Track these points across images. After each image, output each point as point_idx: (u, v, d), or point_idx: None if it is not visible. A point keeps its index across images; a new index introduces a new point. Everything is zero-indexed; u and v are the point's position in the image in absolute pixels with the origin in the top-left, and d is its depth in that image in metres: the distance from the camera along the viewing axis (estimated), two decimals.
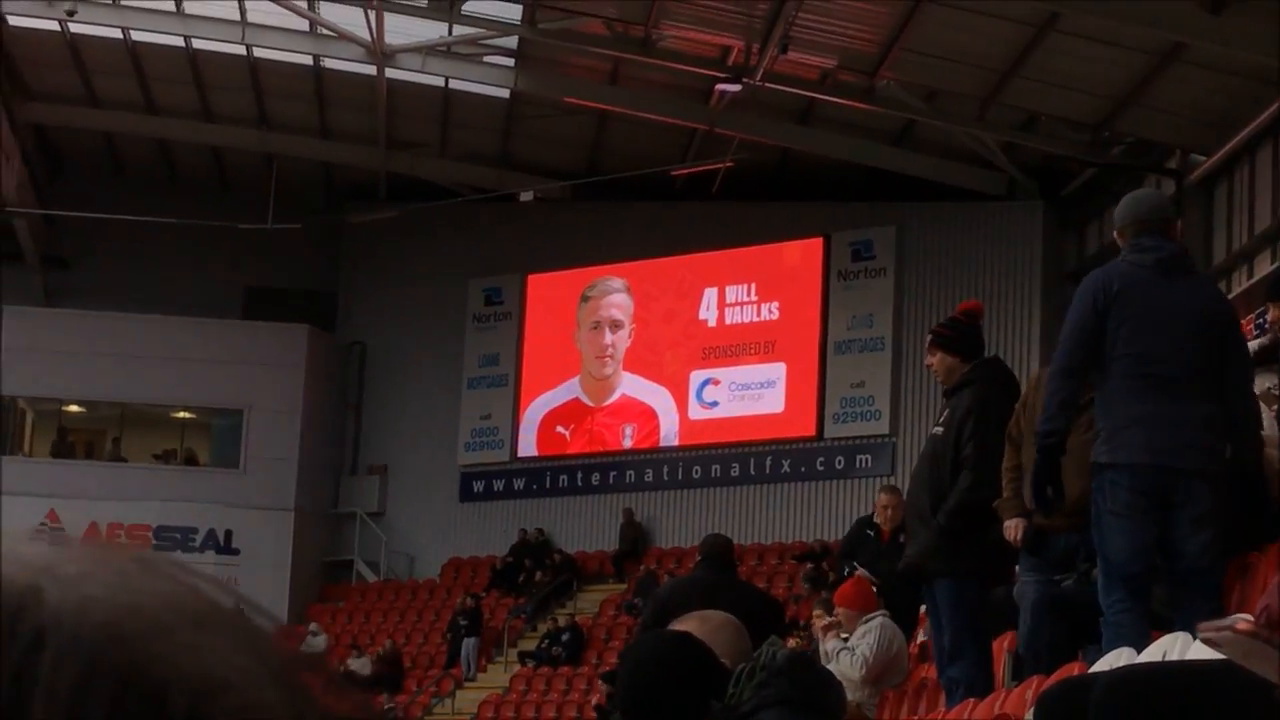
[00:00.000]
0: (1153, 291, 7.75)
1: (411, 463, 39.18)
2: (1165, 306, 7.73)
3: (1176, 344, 7.70)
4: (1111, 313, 7.71)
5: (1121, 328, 7.69)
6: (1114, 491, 7.63)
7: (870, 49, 27.79)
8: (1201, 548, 7.60)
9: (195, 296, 39.55)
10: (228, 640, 0.74)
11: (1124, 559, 7.65)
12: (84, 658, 0.70)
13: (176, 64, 33.86)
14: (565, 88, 32.76)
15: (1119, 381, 7.70)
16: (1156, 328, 7.70)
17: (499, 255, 38.44)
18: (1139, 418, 7.64)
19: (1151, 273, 7.81)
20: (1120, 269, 7.92)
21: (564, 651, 33.76)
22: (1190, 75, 25.72)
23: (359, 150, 36.80)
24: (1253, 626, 3.01)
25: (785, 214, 35.21)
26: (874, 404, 34.22)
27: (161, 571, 0.76)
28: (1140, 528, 7.64)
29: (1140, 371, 7.67)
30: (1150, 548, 7.71)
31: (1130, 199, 8.38)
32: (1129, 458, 7.63)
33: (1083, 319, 7.79)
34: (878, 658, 11.91)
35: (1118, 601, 7.62)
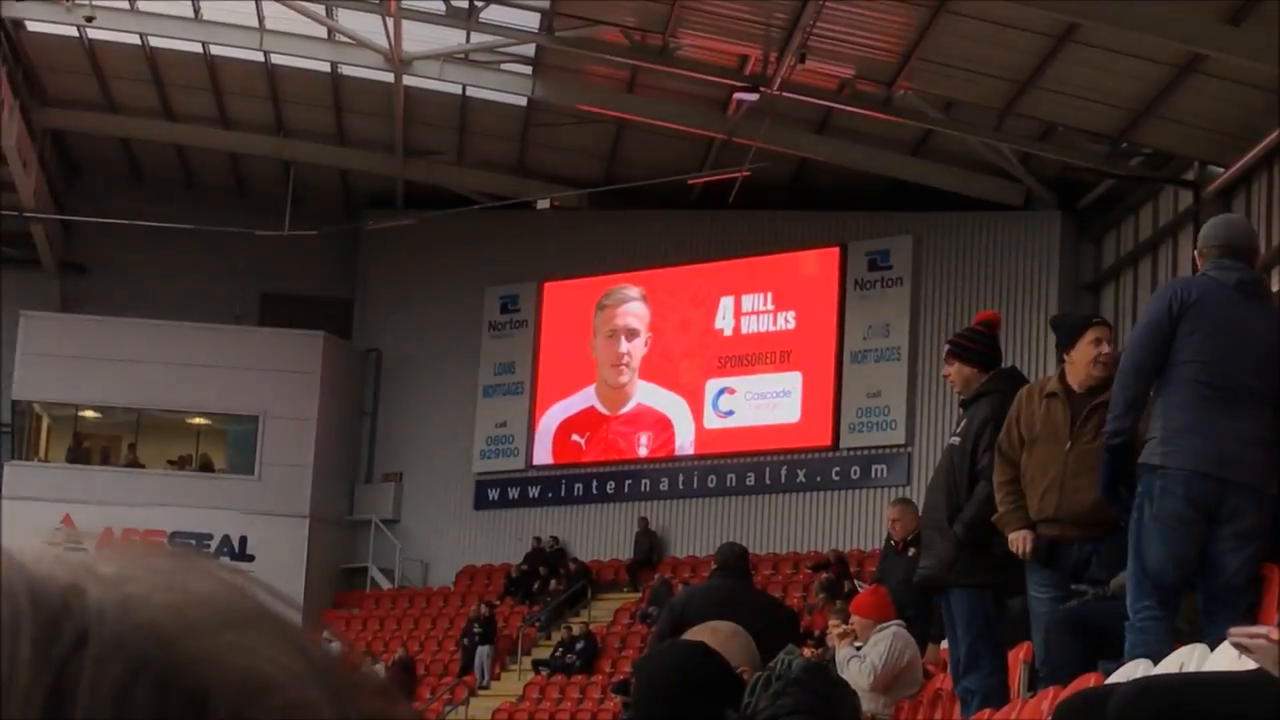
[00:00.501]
0: (1227, 307, 7.79)
1: (426, 470, 39.19)
2: (1237, 323, 7.77)
3: (1243, 360, 7.73)
4: (1185, 319, 7.75)
5: (1193, 335, 7.73)
6: (1163, 498, 7.63)
7: (888, 59, 27.76)
8: (1241, 563, 7.60)
9: (212, 303, 39.60)
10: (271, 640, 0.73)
11: (1160, 568, 7.64)
12: (127, 657, 0.70)
13: (194, 70, 33.91)
14: (582, 96, 32.77)
15: (1181, 386, 7.73)
16: (1226, 341, 7.73)
17: (515, 263, 38.46)
18: (1196, 425, 7.65)
19: (1230, 290, 7.84)
20: (1200, 281, 7.97)
21: (578, 660, 33.74)
22: (1208, 87, 25.67)
23: (376, 157, 36.84)
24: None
25: (802, 223, 35.20)
26: (890, 414, 34.17)
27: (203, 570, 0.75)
28: (1183, 539, 7.63)
29: (1204, 380, 7.70)
30: (1188, 560, 7.71)
31: (1223, 222, 8.49)
32: (1182, 463, 7.63)
33: (1157, 320, 7.83)
34: (886, 667, 11.89)
35: (1146, 609, 7.61)
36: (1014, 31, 25.55)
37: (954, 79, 27.78)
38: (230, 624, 0.72)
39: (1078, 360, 8.91)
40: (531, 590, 36.71)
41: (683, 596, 11.62)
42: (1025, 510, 8.83)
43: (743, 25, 28.17)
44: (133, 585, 0.72)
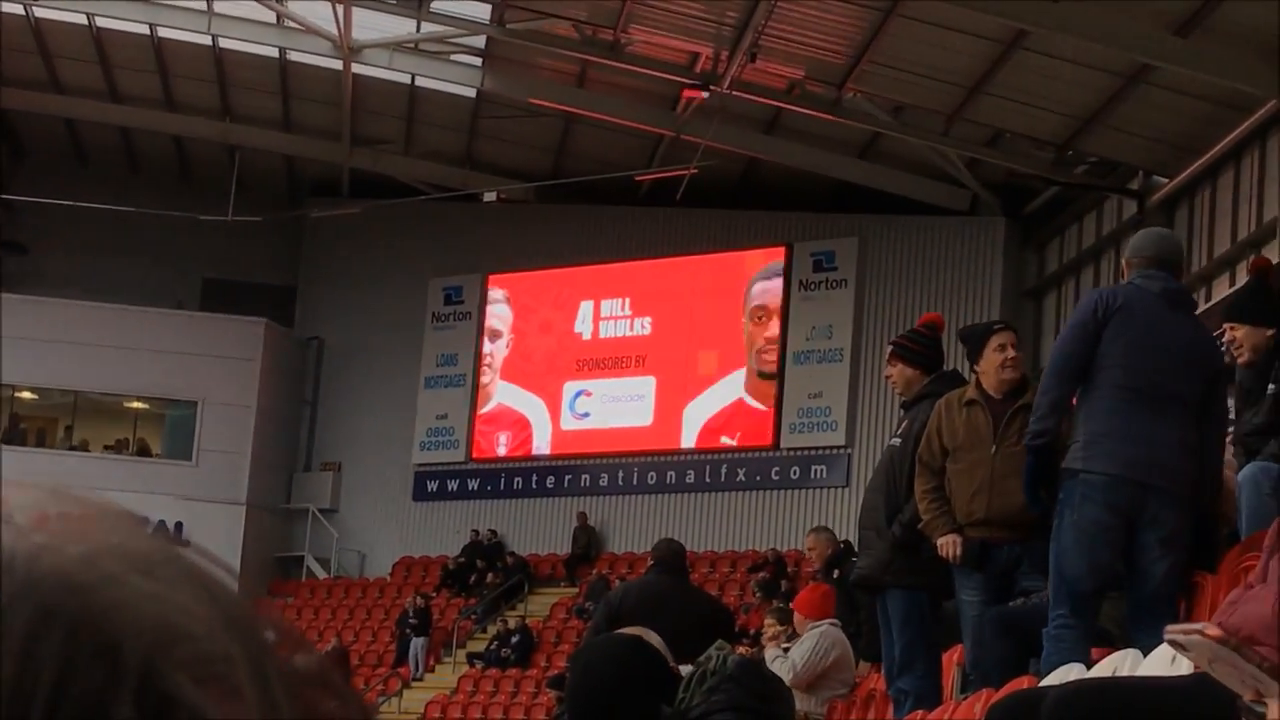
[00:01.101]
0: (1152, 314, 7.82)
1: (366, 460, 39.08)
2: (1161, 330, 7.81)
3: (1167, 368, 7.76)
4: (1110, 323, 7.79)
5: (1117, 339, 7.76)
6: (1083, 504, 7.64)
7: (838, 61, 27.81)
8: (1167, 571, 7.62)
9: (153, 286, 39.41)
10: (185, 590, 0.71)
11: (1077, 575, 7.66)
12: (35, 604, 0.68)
13: (141, 52, 33.71)
14: (532, 89, 32.71)
15: (1104, 391, 7.75)
16: (1150, 348, 7.76)
17: (460, 255, 38.39)
18: (1118, 430, 7.67)
19: (1155, 298, 7.88)
20: (1126, 288, 8.01)
21: (513, 653, 33.70)
22: (1155, 97, 25.80)
23: (323, 145, 36.70)
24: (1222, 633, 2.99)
25: (748, 223, 35.23)
26: (831, 415, 34.24)
27: (118, 522, 0.73)
28: (1101, 546, 7.65)
29: (1127, 384, 7.71)
30: (1105, 568, 7.72)
31: (1155, 235, 8.55)
32: (1104, 467, 7.65)
33: (1082, 323, 7.87)
34: (807, 665, 11.92)
35: (1061, 616, 7.64)
36: (963, 37, 25.63)
37: (903, 83, 27.85)
38: (145, 574, 0.71)
39: (987, 368, 9.03)
40: (468, 583, 36.66)
41: (619, 592, 11.61)
42: (951, 515, 8.87)
43: (694, 23, 28.18)
44: (45, 534, 0.70)
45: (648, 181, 34.74)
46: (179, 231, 37.52)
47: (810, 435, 34.47)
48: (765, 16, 26.01)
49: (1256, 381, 8.69)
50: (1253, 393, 8.73)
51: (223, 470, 38.48)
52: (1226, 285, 25.23)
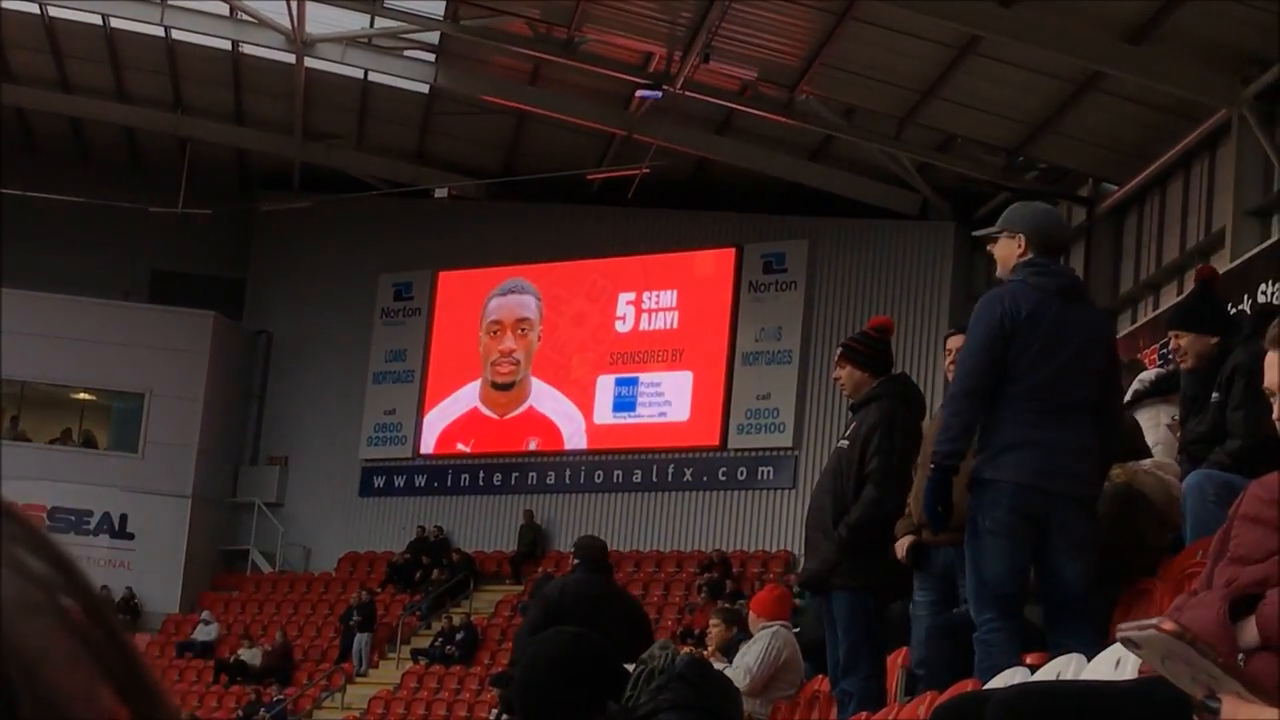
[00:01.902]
0: (1054, 320, 7.76)
1: (312, 455, 38.97)
2: (1065, 335, 7.77)
3: (1072, 373, 7.75)
4: (1016, 335, 7.72)
5: (1026, 353, 7.70)
6: (993, 510, 7.68)
7: (791, 63, 27.87)
8: (1078, 573, 7.67)
9: (102, 278, 39.22)
10: None
11: (998, 579, 7.71)
12: None
13: (93, 42, 33.54)
14: (485, 86, 32.68)
15: (1012, 404, 7.72)
16: (1057, 356, 7.74)
17: (411, 251, 38.32)
18: (1026, 441, 7.69)
19: (1054, 299, 7.83)
20: (1024, 291, 7.84)
21: (457, 650, 33.67)
22: (1106, 105, 25.93)
23: (274, 138, 36.58)
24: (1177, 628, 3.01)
25: (699, 223, 35.27)
26: (778, 416, 34.30)
27: None
28: (1015, 548, 7.70)
29: (1036, 397, 7.70)
30: (1024, 569, 7.78)
31: (1039, 212, 8.37)
32: (1011, 476, 7.67)
33: (990, 341, 7.76)
34: (763, 668, 11.94)
35: (989, 620, 7.68)
36: (917, 41, 25.70)
37: (855, 86, 27.92)
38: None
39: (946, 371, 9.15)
40: (413, 579, 36.60)
41: (555, 588, 11.61)
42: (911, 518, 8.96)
43: (648, 23, 28.20)
44: None
45: (599, 180, 34.74)
46: (128, 223, 37.36)
47: (758, 436, 34.52)
48: (719, 17, 26.04)
49: (1201, 389, 8.75)
50: (1197, 401, 8.79)
51: (169, 463, 38.32)
52: (1174, 293, 25.38)
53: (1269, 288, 20.64)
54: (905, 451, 9.35)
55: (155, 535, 37.80)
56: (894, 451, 9.28)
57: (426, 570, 36.54)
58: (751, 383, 34.55)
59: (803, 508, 12.41)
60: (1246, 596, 3.86)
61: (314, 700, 34.26)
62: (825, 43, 26.60)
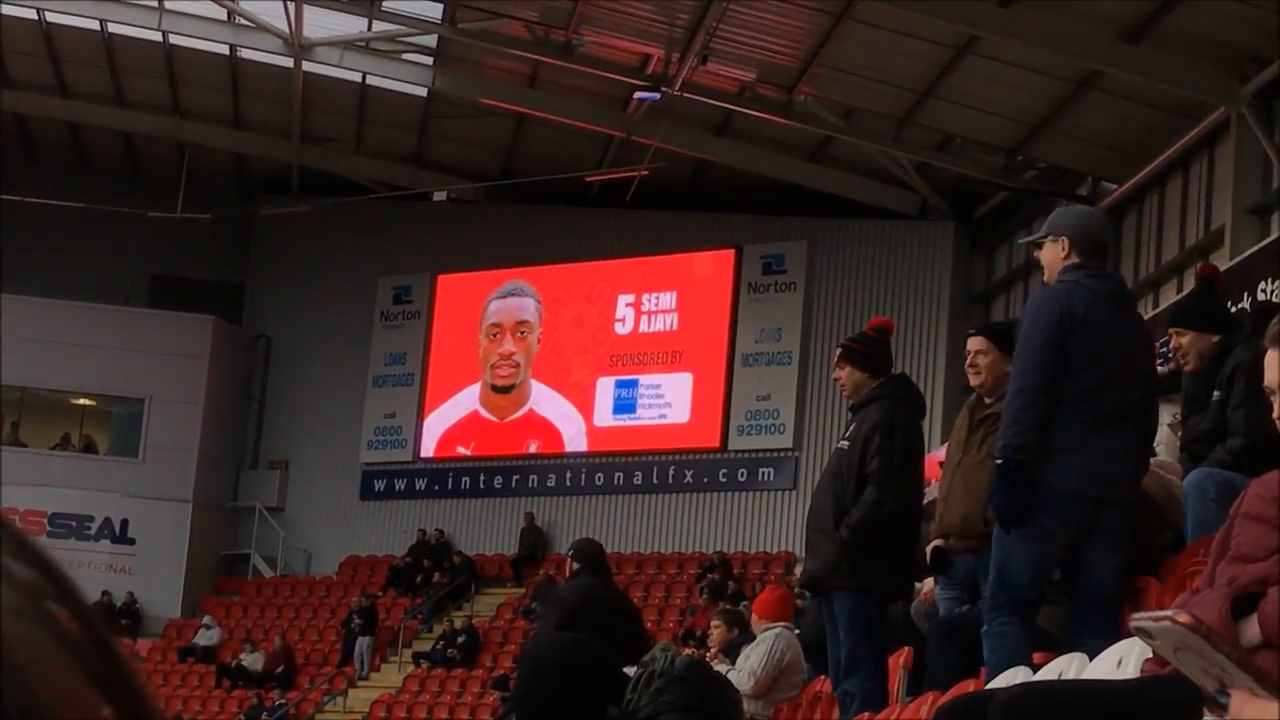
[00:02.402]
0: (1109, 323, 7.72)
1: (313, 459, 38.96)
2: (1117, 338, 7.73)
3: (1118, 378, 7.70)
4: (1072, 337, 7.65)
5: (1079, 354, 7.64)
6: (1038, 515, 7.59)
7: (790, 64, 27.86)
8: (1109, 573, 7.64)
9: (101, 283, 39.20)
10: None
11: (1022, 582, 7.66)
12: None
13: (91, 48, 33.54)
14: (483, 89, 32.68)
15: (1065, 406, 7.62)
16: (1110, 358, 7.68)
17: (410, 254, 38.31)
18: (1076, 445, 7.61)
19: (1105, 301, 7.79)
20: (1079, 294, 7.76)
21: (459, 653, 33.66)
22: (1105, 104, 25.92)
23: (272, 142, 36.58)
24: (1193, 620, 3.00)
25: (698, 225, 35.26)
26: (779, 417, 34.29)
27: None
28: (1048, 555, 7.65)
29: (1086, 399, 7.64)
30: (1048, 573, 7.75)
31: (1083, 214, 8.37)
32: (1059, 482, 7.59)
33: (1051, 336, 7.65)
34: (766, 671, 11.92)
35: (1002, 618, 7.64)
36: (915, 41, 25.70)
37: (854, 86, 27.92)
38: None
39: None
40: (415, 582, 36.58)
41: (573, 593, 11.52)
42: None
43: (646, 25, 28.20)
44: None
45: (598, 183, 34.73)
46: (127, 228, 37.33)
47: (758, 438, 34.51)
48: (717, 19, 26.04)
49: (1202, 388, 8.73)
50: (1198, 399, 8.76)
51: (169, 468, 38.31)
52: (1174, 291, 25.37)
53: (1269, 285, 20.63)
54: (906, 452, 9.34)
55: (156, 540, 37.79)
56: (894, 452, 9.26)
57: (428, 573, 36.53)
58: (751, 384, 34.54)
59: (803, 509, 12.41)
60: (1248, 595, 3.85)
61: (316, 704, 34.24)
62: (823, 43, 26.59)
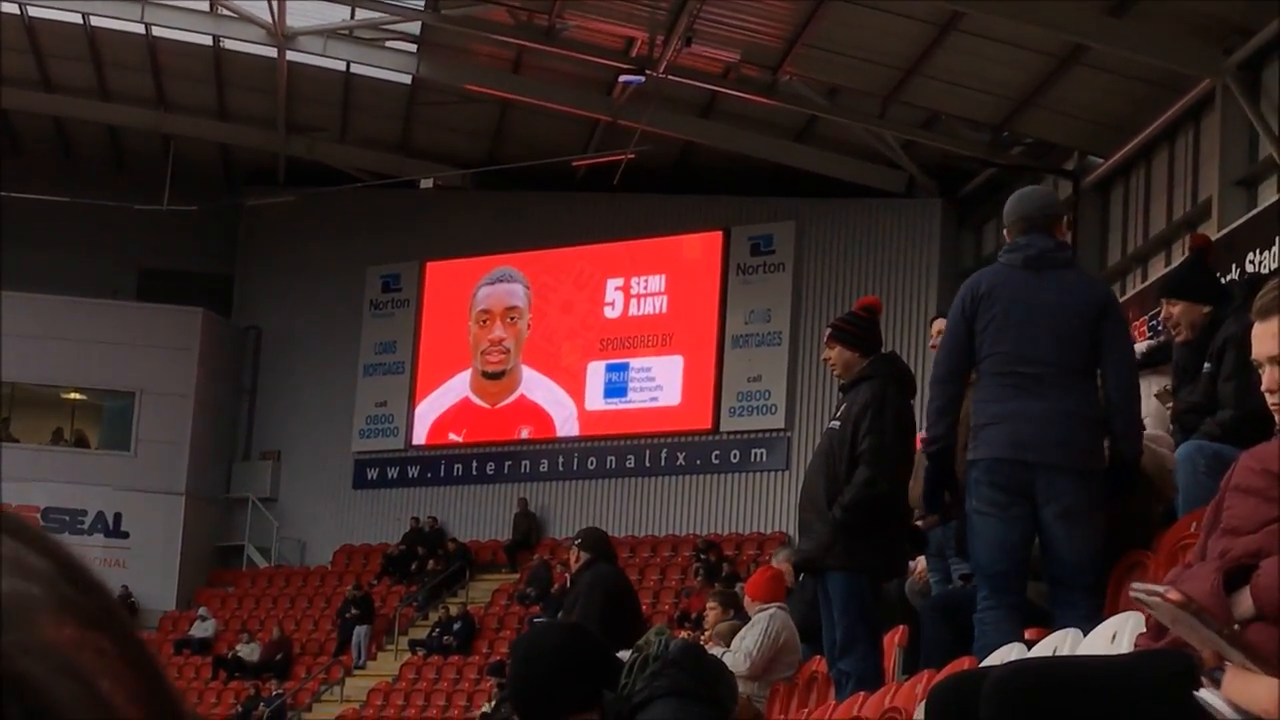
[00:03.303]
0: (1018, 290, 7.82)
1: (305, 449, 38.96)
2: (1028, 304, 7.78)
3: (1038, 341, 7.74)
4: (978, 314, 7.82)
5: (988, 328, 7.80)
6: (977, 488, 7.73)
7: (774, 44, 27.84)
8: (1070, 543, 7.64)
9: (89, 277, 39.17)
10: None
11: (987, 558, 7.72)
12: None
13: (74, 41, 33.47)
14: (467, 75, 32.63)
15: (986, 380, 7.84)
16: (1019, 326, 7.76)
17: (397, 242, 38.28)
18: (1001, 415, 7.73)
19: (1020, 271, 7.85)
20: (989, 272, 8.05)
21: (455, 640, 33.68)
22: (1090, 78, 25.92)
23: (258, 133, 36.52)
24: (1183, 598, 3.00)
25: (685, 207, 35.24)
26: (770, 398, 34.30)
27: None
28: (1000, 525, 7.68)
29: (1004, 369, 7.75)
30: (1014, 547, 7.73)
31: (1018, 196, 8.43)
32: (988, 452, 7.71)
33: (953, 325, 7.95)
34: (762, 651, 11.92)
35: (983, 599, 7.70)
36: (898, 19, 25.69)
37: (838, 65, 27.90)
38: None
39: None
40: (409, 570, 36.59)
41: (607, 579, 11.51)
42: None
43: (629, 8, 28.16)
44: None
45: (584, 167, 34.70)
46: (114, 221, 37.31)
47: (749, 419, 34.52)
48: (700, 0, 26.01)
49: (1193, 359, 8.72)
50: (1189, 371, 8.76)
51: (161, 460, 38.30)
52: (1162, 264, 25.39)
53: (1257, 256, 20.65)
54: (898, 431, 9.35)
55: (150, 533, 37.78)
56: (886, 431, 9.26)
57: (422, 561, 36.54)
58: (742, 365, 34.55)
59: (796, 489, 12.39)
60: (1241, 568, 3.84)
61: (313, 694, 34.26)
62: (807, 23, 26.57)
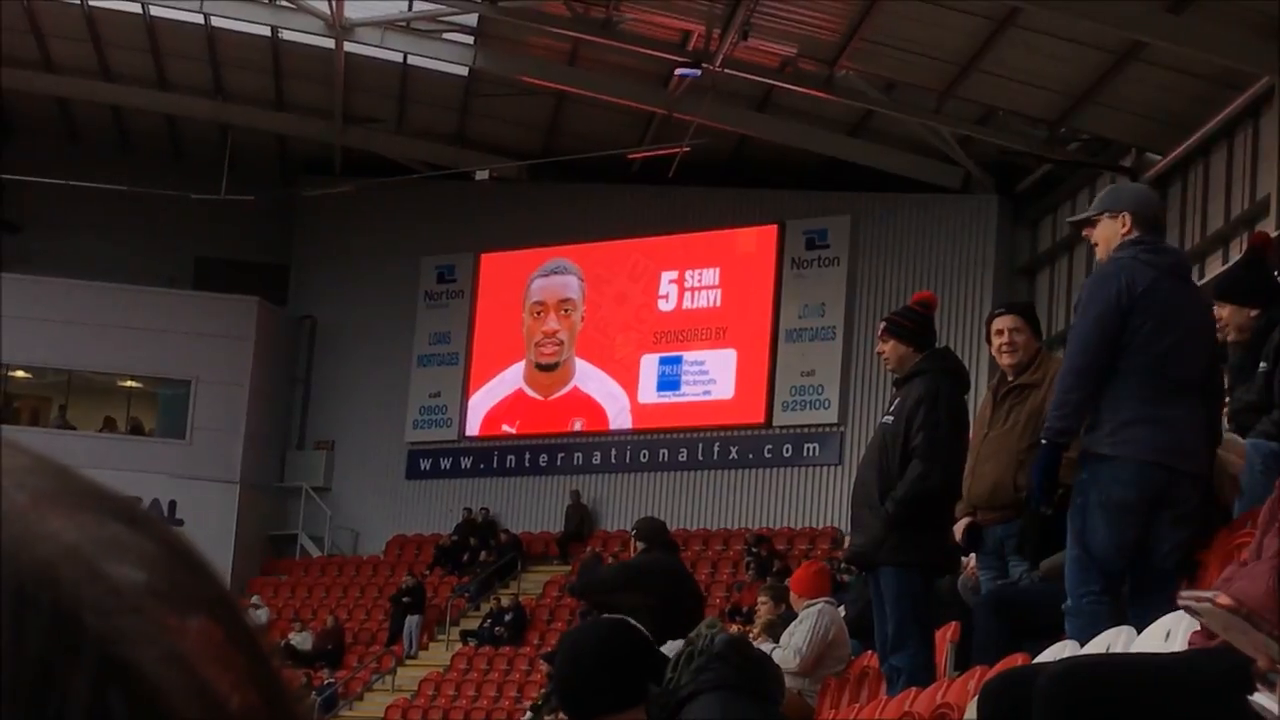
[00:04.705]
0: (1170, 295, 7.70)
1: (359, 438, 39.07)
2: (1181, 310, 7.71)
3: (1188, 349, 7.68)
4: (1135, 311, 7.60)
5: (1144, 327, 7.59)
6: (1112, 486, 7.56)
7: (831, 38, 27.77)
8: (1173, 546, 7.59)
9: (146, 265, 39.36)
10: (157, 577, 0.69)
11: (1109, 554, 7.58)
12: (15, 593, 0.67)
13: (133, 31, 33.63)
14: (524, 67, 32.66)
15: (1133, 378, 7.59)
16: (1174, 330, 7.65)
17: (452, 233, 38.36)
18: (1149, 417, 7.58)
19: (1167, 276, 7.76)
20: (1138, 268, 7.71)
21: (506, 631, 33.73)
22: (1148, 74, 25.79)
23: (315, 123, 36.64)
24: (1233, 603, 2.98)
25: (740, 201, 35.21)
26: (823, 393, 34.24)
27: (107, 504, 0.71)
28: (1129, 525, 7.58)
29: (1156, 371, 7.61)
30: (1131, 545, 7.67)
31: (1141, 190, 8.37)
32: (1134, 453, 7.55)
33: (1107, 317, 7.61)
34: (812, 647, 11.90)
35: (1093, 593, 7.56)
36: (956, 14, 25.60)
37: (895, 60, 27.82)
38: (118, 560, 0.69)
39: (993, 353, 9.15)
40: (461, 561, 36.67)
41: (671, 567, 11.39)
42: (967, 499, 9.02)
43: (686, 1, 28.14)
44: (36, 517, 0.68)
45: (639, 160, 34.68)
46: (171, 210, 37.46)
47: (803, 413, 34.48)
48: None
49: (1248, 359, 8.68)
50: (1244, 370, 8.72)
51: (216, 449, 38.46)
52: (1220, 262, 25.24)
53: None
54: (951, 425, 9.32)
55: (204, 521, 37.89)
56: (939, 425, 9.24)
57: (474, 552, 36.61)
58: (795, 359, 34.50)
59: (848, 484, 12.37)
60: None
61: (364, 683, 34.36)
62: (864, 17, 26.50)
